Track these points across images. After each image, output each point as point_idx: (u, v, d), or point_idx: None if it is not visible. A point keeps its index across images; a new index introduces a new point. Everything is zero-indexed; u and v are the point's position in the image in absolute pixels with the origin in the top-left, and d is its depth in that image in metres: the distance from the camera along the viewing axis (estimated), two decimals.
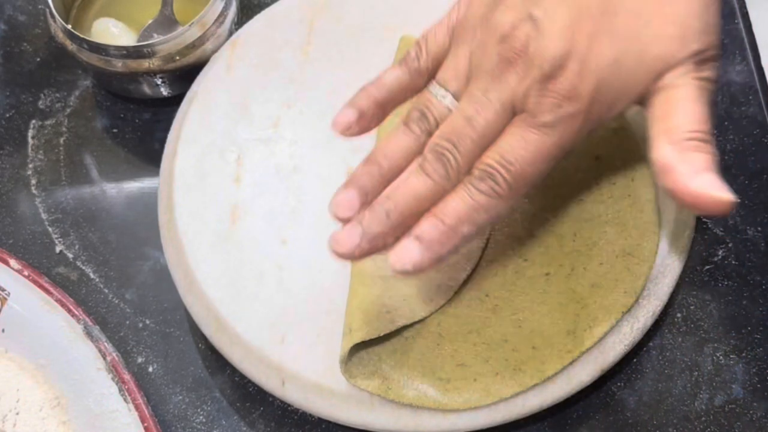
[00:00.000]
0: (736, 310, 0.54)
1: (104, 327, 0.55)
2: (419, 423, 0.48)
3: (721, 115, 0.60)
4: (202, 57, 0.60)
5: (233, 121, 0.57)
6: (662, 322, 0.54)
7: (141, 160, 0.62)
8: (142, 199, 0.60)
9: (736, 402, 0.52)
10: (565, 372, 0.48)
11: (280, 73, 0.59)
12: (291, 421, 0.53)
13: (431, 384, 0.48)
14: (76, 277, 0.58)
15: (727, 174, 0.58)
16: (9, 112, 0.64)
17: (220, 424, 0.53)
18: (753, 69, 0.62)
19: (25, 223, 0.60)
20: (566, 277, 0.51)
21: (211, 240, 0.53)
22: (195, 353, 0.55)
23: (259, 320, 0.51)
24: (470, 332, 0.50)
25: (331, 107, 0.57)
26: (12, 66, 0.66)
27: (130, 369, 0.52)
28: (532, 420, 0.51)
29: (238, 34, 0.60)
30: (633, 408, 0.52)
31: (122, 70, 0.59)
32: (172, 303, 0.56)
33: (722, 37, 0.63)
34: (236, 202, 0.55)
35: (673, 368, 0.53)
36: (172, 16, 0.61)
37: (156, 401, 0.53)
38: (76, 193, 0.61)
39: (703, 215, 0.55)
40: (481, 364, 0.49)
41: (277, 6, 0.61)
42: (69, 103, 0.64)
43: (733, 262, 0.56)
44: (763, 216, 0.57)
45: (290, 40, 0.60)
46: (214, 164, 0.56)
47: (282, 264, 0.53)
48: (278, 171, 0.56)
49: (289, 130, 0.57)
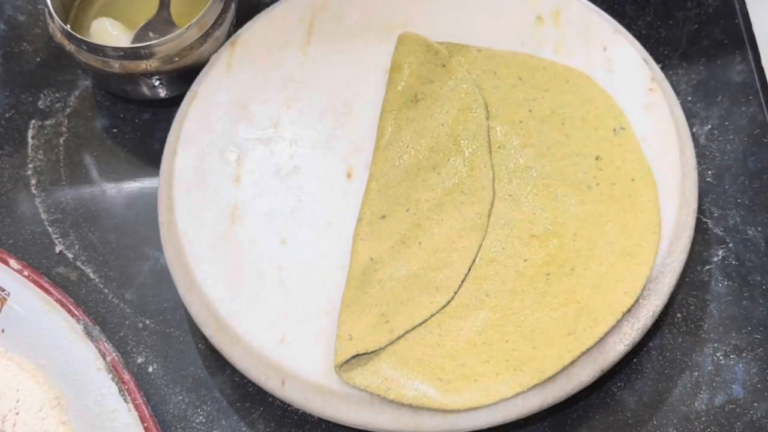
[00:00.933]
0: (736, 310, 0.54)
1: (104, 327, 0.55)
2: (419, 423, 0.48)
3: (721, 115, 0.60)
4: (201, 58, 0.60)
5: (233, 121, 0.57)
6: (662, 322, 0.54)
7: (141, 160, 0.62)
8: (142, 199, 0.60)
9: (736, 402, 0.52)
10: (565, 372, 0.48)
11: (280, 73, 0.59)
12: (291, 421, 0.53)
13: (431, 384, 0.48)
14: (76, 277, 0.58)
15: (727, 174, 0.58)
16: (9, 112, 0.64)
17: (220, 424, 0.53)
18: (753, 69, 0.62)
19: (25, 223, 0.60)
20: (566, 277, 0.51)
21: (211, 240, 0.53)
22: (195, 353, 0.55)
23: (259, 320, 0.51)
24: (470, 332, 0.50)
25: (331, 107, 0.58)
26: (12, 66, 0.66)
27: (130, 369, 0.52)
28: (532, 420, 0.51)
29: (238, 34, 0.60)
30: (633, 408, 0.52)
31: (119, 71, 0.59)
32: (172, 303, 0.56)
33: (722, 37, 0.63)
34: (236, 202, 0.55)
35: (673, 368, 0.53)
36: (169, 17, 0.61)
37: (156, 401, 0.53)
38: (76, 193, 0.61)
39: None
40: (481, 364, 0.49)
41: (277, 6, 0.61)
42: (69, 103, 0.64)
43: (733, 262, 0.56)
44: (763, 216, 0.57)
45: (290, 40, 0.60)
46: (214, 164, 0.56)
47: (282, 264, 0.53)
48: (278, 171, 0.56)
49: (289, 130, 0.57)
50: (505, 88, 0.57)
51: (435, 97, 0.56)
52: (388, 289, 0.51)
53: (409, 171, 0.54)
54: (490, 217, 0.53)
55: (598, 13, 0.59)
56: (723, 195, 0.58)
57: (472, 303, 0.51)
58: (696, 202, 0.53)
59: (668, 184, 0.53)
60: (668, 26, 0.64)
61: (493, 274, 0.52)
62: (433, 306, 0.51)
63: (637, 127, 0.55)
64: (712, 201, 0.57)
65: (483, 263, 0.52)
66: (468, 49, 0.58)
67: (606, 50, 0.57)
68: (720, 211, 0.57)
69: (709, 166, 0.59)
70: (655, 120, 0.55)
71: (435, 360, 0.49)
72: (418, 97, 0.56)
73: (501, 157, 0.55)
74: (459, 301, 0.51)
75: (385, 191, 0.54)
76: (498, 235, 0.53)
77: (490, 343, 0.49)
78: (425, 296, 0.51)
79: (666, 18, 0.65)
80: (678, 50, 0.63)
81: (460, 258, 0.52)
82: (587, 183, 0.53)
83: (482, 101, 0.56)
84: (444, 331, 0.50)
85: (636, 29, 0.64)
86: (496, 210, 0.54)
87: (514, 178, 0.54)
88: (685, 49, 0.63)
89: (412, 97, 0.56)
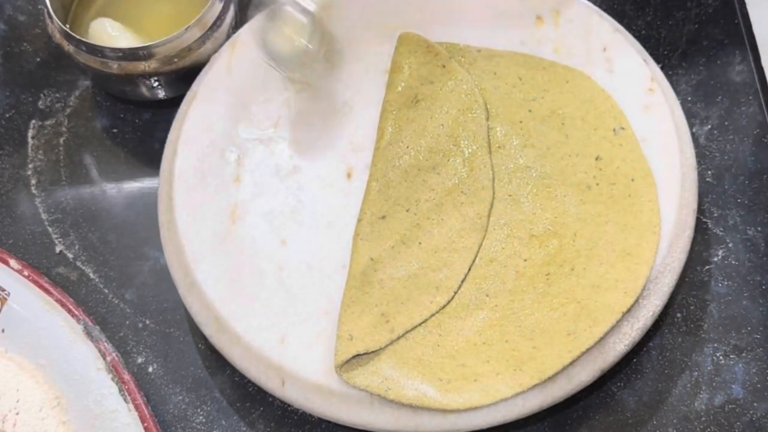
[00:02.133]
0: (736, 310, 0.54)
1: (104, 327, 0.55)
2: (419, 423, 0.48)
3: (721, 115, 0.60)
4: (200, 59, 0.60)
5: (233, 121, 0.57)
6: (662, 322, 0.54)
7: (141, 160, 0.62)
8: (142, 199, 0.60)
9: (736, 402, 0.52)
10: (565, 372, 0.48)
11: (281, 73, 0.59)
12: (291, 421, 0.53)
13: (431, 384, 0.48)
14: (76, 277, 0.58)
15: (727, 174, 0.58)
16: (9, 112, 0.64)
17: (220, 424, 0.53)
18: (753, 69, 0.62)
19: (25, 223, 0.60)
20: (566, 277, 0.51)
21: (211, 240, 0.53)
22: (195, 353, 0.55)
23: (259, 320, 0.51)
24: (470, 332, 0.50)
25: (331, 107, 0.58)
26: (12, 66, 0.66)
27: (130, 369, 0.52)
28: (532, 420, 0.51)
29: (238, 33, 0.60)
30: (633, 408, 0.52)
31: (118, 72, 0.59)
32: (172, 303, 0.56)
33: (722, 37, 0.63)
34: (236, 202, 0.55)
35: (673, 368, 0.53)
36: None
37: (156, 401, 0.53)
38: (76, 193, 0.61)
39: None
40: (481, 364, 0.49)
41: None
42: (69, 104, 0.64)
43: (733, 262, 0.56)
44: (763, 216, 0.57)
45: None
46: (214, 164, 0.56)
47: (282, 264, 0.53)
48: (278, 171, 0.56)
49: (289, 130, 0.57)
50: (505, 88, 0.57)
51: (435, 98, 0.56)
52: (388, 289, 0.51)
53: (409, 171, 0.54)
54: (490, 218, 0.53)
55: (598, 13, 0.59)
56: (723, 195, 0.58)
57: (472, 303, 0.51)
58: (696, 202, 0.53)
59: (668, 184, 0.53)
60: (668, 26, 0.64)
61: (493, 274, 0.52)
62: (433, 306, 0.51)
63: (637, 127, 0.55)
64: (712, 201, 0.57)
65: (483, 263, 0.52)
66: (468, 50, 0.58)
67: (606, 50, 0.57)
68: (720, 211, 0.57)
69: (709, 166, 0.59)
70: (655, 120, 0.55)
71: (435, 360, 0.49)
72: (418, 98, 0.56)
73: (501, 158, 0.55)
74: (459, 301, 0.51)
75: (385, 191, 0.54)
76: (498, 235, 0.53)
77: (490, 343, 0.50)
78: (425, 296, 0.51)
79: (666, 18, 0.65)
80: (678, 50, 0.63)
81: (460, 258, 0.52)
82: (587, 183, 0.53)
83: (482, 102, 0.56)
84: (444, 331, 0.50)
85: (636, 29, 0.64)
86: (496, 210, 0.54)
87: (514, 178, 0.54)
88: (684, 49, 0.63)
89: (413, 97, 0.56)
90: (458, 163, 0.54)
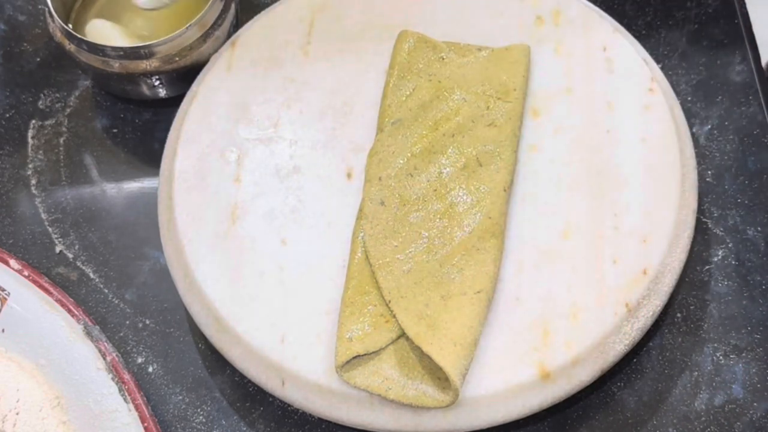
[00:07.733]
0: (736, 310, 0.54)
1: (104, 327, 0.55)
2: (419, 423, 0.48)
3: (721, 115, 0.60)
4: (201, 58, 0.60)
5: (233, 121, 0.57)
6: (662, 322, 0.54)
7: (141, 160, 0.62)
8: (142, 199, 0.60)
9: (736, 402, 0.52)
10: (565, 372, 0.48)
11: (280, 73, 0.59)
12: (291, 421, 0.53)
13: (431, 384, 0.48)
14: (76, 277, 0.58)
15: (727, 174, 0.58)
16: (9, 112, 0.64)
17: (220, 424, 0.53)
18: (753, 69, 0.62)
19: (25, 223, 0.60)
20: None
21: (211, 240, 0.53)
22: (195, 353, 0.55)
23: (259, 320, 0.51)
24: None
25: (331, 107, 0.58)
26: (12, 66, 0.66)
27: (130, 369, 0.52)
28: (532, 420, 0.51)
29: (238, 34, 0.60)
30: (633, 408, 0.52)
31: (119, 70, 0.59)
32: (172, 303, 0.56)
33: (722, 37, 0.63)
34: (236, 202, 0.55)
35: (673, 368, 0.53)
36: None
37: (156, 401, 0.53)
38: (76, 193, 0.61)
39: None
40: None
41: (277, 6, 0.61)
42: (69, 103, 0.64)
43: (733, 262, 0.56)
44: (763, 216, 0.57)
45: (290, 40, 0.60)
46: (214, 164, 0.56)
47: (282, 264, 0.53)
48: (278, 171, 0.56)
49: (289, 130, 0.57)
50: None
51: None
52: None
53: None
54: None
55: (598, 13, 0.59)
56: (723, 195, 0.58)
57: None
58: (696, 202, 0.53)
59: (668, 184, 0.53)
60: (668, 26, 0.64)
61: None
62: None
63: (637, 127, 0.55)
64: (712, 201, 0.58)
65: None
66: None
67: (606, 50, 0.57)
68: (720, 211, 0.57)
69: (709, 166, 0.59)
70: (655, 120, 0.55)
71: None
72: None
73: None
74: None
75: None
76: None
77: None
78: None
79: (666, 18, 0.65)
80: (678, 50, 0.63)
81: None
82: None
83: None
84: None
85: (636, 29, 0.64)
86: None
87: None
88: (684, 49, 0.63)
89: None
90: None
